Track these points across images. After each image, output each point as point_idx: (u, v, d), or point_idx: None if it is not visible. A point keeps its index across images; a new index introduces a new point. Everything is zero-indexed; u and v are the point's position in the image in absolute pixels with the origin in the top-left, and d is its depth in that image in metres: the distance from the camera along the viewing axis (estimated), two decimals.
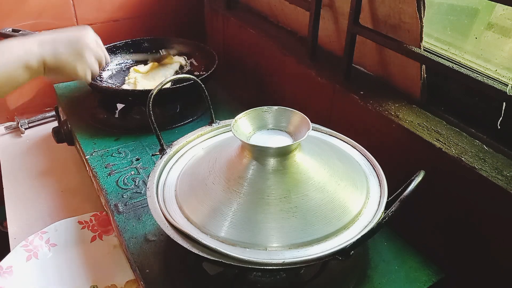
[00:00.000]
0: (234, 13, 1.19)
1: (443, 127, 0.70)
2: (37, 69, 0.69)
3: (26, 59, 0.67)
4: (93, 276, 0.77)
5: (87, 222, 0.85)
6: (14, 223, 0.89)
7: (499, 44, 0.68)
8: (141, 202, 0.77)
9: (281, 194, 0.56)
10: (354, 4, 0.76)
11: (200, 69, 1.14)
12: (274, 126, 0.63)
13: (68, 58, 0.72)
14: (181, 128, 0.98)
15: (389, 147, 0.74)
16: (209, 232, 0.55)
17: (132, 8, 1.24)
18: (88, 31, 0.77)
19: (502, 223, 0.59)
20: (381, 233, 0.70)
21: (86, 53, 0.75)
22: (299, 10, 0.95)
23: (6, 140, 1.16)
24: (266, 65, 1.08)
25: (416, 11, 0.67)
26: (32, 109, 1.22)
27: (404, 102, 0.77)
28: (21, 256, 0.78)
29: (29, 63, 0.67)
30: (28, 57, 0.67)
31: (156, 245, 0.69)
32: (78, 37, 0.74)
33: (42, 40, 0.70)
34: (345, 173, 0.61)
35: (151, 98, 0.65)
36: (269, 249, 0.53)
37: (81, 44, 0.74)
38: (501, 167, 0.61)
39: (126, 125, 0.99)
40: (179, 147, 0.71)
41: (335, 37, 0.91)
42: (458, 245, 0.67)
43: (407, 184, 0.56)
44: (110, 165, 0.87)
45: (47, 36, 0.71)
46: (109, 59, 0.85)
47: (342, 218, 0.56)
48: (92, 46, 0.76)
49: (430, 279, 0.65)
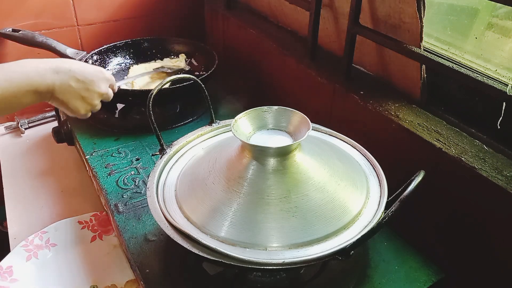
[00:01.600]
0: (234, 13, 1.19)
1: (443, 127, 0.70)
2: (44, 96, 0.67)
3: (38, 84, 0.65)
4: (93, 276, 0.77)
5: (87, 222, 0.85)
6: (14, 223, 0.89)
7: (499, 44, 0.68)
8: (141, 202, 0.77)
9: (281, 194, 0.56)
10: (354, 4, 0.76)
11: (200, 69, 1.14)
12: (274, 126, 0.63)
13: (76, 96, 0.71)
14: (181, 128, 0.98)
15: (389, 147, 0.74)
16: (209, 232, 0.55)
17: (132, 8, 1.24)
18: (104, 74, 0.76)
19: (502, 223, 0.59)
20: (381, 233, 0.70)
21: (95, 97, 0.74)
22: (299, 10, 0.95)
23: (6, 140, 1.16)
24: (266, 65, 1.08)
25: (416, 11, 0.67)
26: (32, 109, 1.21)
27: (404, 102, 0.77)
28: (21, 256, 0.78)
29: (39, 88, 0.65)
30: (39, 82, 0.65)
31: (156, 245, 0.69)
32: (93, 79, 0.73)
33: (58, 67, 0.68)
34: (345, 173, 0.61)
35: (151, 98, 0.65)
36: (269, 249, 0.53)
37: (94, 87, 0.73)
38: (501, 167, 0.61)
39: (126, 125, 0.99)
40: (179, 147, 0.71)
41: (335, 37, 0.91)
42: (458, 245, 0.67)
43: (407, 184, 0.56)
44: (110, 165, 0.87)
45: (65, 65, 0.69)
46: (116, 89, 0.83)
47: (342, 218, 0.56)
48: (103, 91, 0.75)
49: (430, 279, 0.65)
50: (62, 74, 0.68)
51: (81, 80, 0.71)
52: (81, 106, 0.73)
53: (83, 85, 0.71)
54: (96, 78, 0.74)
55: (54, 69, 0.67)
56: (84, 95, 0.72)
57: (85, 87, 0.71)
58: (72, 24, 1.18)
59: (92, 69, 0.74)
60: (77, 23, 1.18)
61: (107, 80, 0.77)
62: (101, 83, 0.75)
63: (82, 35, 1.20)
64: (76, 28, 1.19)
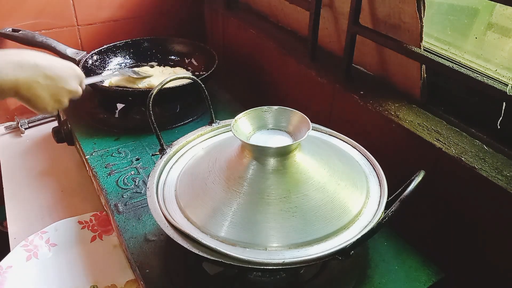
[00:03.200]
0: (234, 13, 1.19)
1: (443, 127, 0.70)
2: (7, 93, 0.60)
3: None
4: (93, 276, 0.77)
5: (87, 222, 0.85)
6: (14, 223, 0.89)
7: (499, 44, 0.68)
8: (141, 202, 0.77)
9: (281, 194, 0.56)
10: (354, 4, 0.76)
11: (200, 69, 1.14)
12: (274, 126, 0.63)
13: (44, 93, 0.64)
14: (181, 128, 0.98)
15: (389, 147, 0.74)
16: (209, 232, 0.55)
17: (132, 8, 1.24)
18: (74, 70, 0.70)
19: (502, 223, 0.59)
20: (381, 233, 0.70)
21: (65, 94, 0.68)
22: (299, 10, 0.95)
23: (6, 140, 1.16)
24: (266, 65, 1.08)
25: (416, 11, 0.67)
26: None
27: (404, 102, 0.77)
28: (21, 256, 0.78)
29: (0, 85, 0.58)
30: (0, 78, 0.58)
31: (156, 245, 0.69)
32: (63, 75, 0.66)
33: (22, 62, 0.60)
34: (345, 173, 0.61)
35: (151, 98, 0.65)
36: (269, 249, 0.53)
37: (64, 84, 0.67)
38: (501, 167, 0.61)
39: (126, 125, 0.99)
40: (179, 147, 0.71)
41: (335, 37, 0.91)
42: (458, 245, 0.67)
43: (407, 184, 0.56)
44: (110, 165, 0.87)
45: (30, 59, 0.62)
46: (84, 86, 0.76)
47: (342, 218, 0.56)
48: (73, 89, 0.69)
49: (430, 279, 0.65)
50: (28, 69, 0.61)
51: (50, 76, 0.64)
52: (49, 104, 0.66)
53: (52, 82, 0.65)
54: (66, 74, 0.68)
55: (17, 64, 0.60)
56: (53, 93, 0.66)
57: (54, 84, 0.65)
58: (72, 24, 1.18)
59: (62, 65, 0.68)
60: (77, 23, 1.18)
61: (78, 77, 0.71)
62: (72, 80, 0.69)
63: (82, 35, 1.20)
64: (76, 28, 1.19)
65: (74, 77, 0.70)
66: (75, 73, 0.70)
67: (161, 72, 1.11)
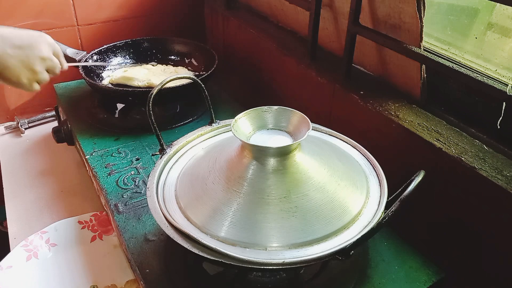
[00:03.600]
0: (234, 13, 1.19)
1: (443, 127, 0.70)
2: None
3: None
4: (93, 276, 0.77)
5: (87, 222, 0.85)
6: (14, 223, 0.89)
7: (499, 44, 0.68)
8: (141, 202, 0.77)
9: (281, 194, 0.56)
10: (354, 4, 0.76)
11: (200, 69, 1.14)
12: (274, 126, 0.63)
13: (15, 63, 0.63)
14: (181, 128, 0.98)
15: (389, 147, 0.74)
16: (209, 232, 0.55)
17: (132, 8, 1.24)
18: (44, 37, 0.69)
19: (502, 223, 0.59)
20: (381, 233, 0.70)
21: (37, 62, 0.66)
22: (299, 10, 0.95)
23: (6, 140, 1.16)
24: (266, 65, 1.08)
25: (416, 11, 0.67)
26: (32, 109, 1.22)
27: (404, 102, 0.77)
28: (21, 256, 0.78)
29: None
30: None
31: (156, 245, 0.69)
32: (32, 42, 0.65)
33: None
34: (345, 173, 0.61)
35: (151, 98, 0.65)
36: (269, 249, 0.53)
37: (34, 51, 0.66)
38: (501, 167, 0.61)
39: (126, 125, 0.99)
40: (179, 147, 0.71)
41: (335, 37, 0.91)
42: (458, 245, 0.67)
43: (407, 184, 0.56)
44: (110, 165, 0.87)
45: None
46: (66, 66, 0.75)
47: (342, 218, 0.56)
48: (45, 55, 0.68)
49: (430, 279, 0.65)
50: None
51: (18, 45, 0.63)
52: (21, 74, 0.65)
53: (21, 50, 0.64)
54: (35, 41, 0.66)
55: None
56: (24, 61, 0.65)
57: (23, 53, 0.64)
58: (72, 24, 1.18)
59: (29, 33, 0.67)
60: (77, 23, 1.18)
61: (49, 44, 0.69)
62: (42, 46, 0.67)
63: (82, 35, 1.20)
64: (76, 28, 1.19)
65: (45, 43, 0.68)
66: (45, 40, 0.69)
67: (163, 71, 1.11)
